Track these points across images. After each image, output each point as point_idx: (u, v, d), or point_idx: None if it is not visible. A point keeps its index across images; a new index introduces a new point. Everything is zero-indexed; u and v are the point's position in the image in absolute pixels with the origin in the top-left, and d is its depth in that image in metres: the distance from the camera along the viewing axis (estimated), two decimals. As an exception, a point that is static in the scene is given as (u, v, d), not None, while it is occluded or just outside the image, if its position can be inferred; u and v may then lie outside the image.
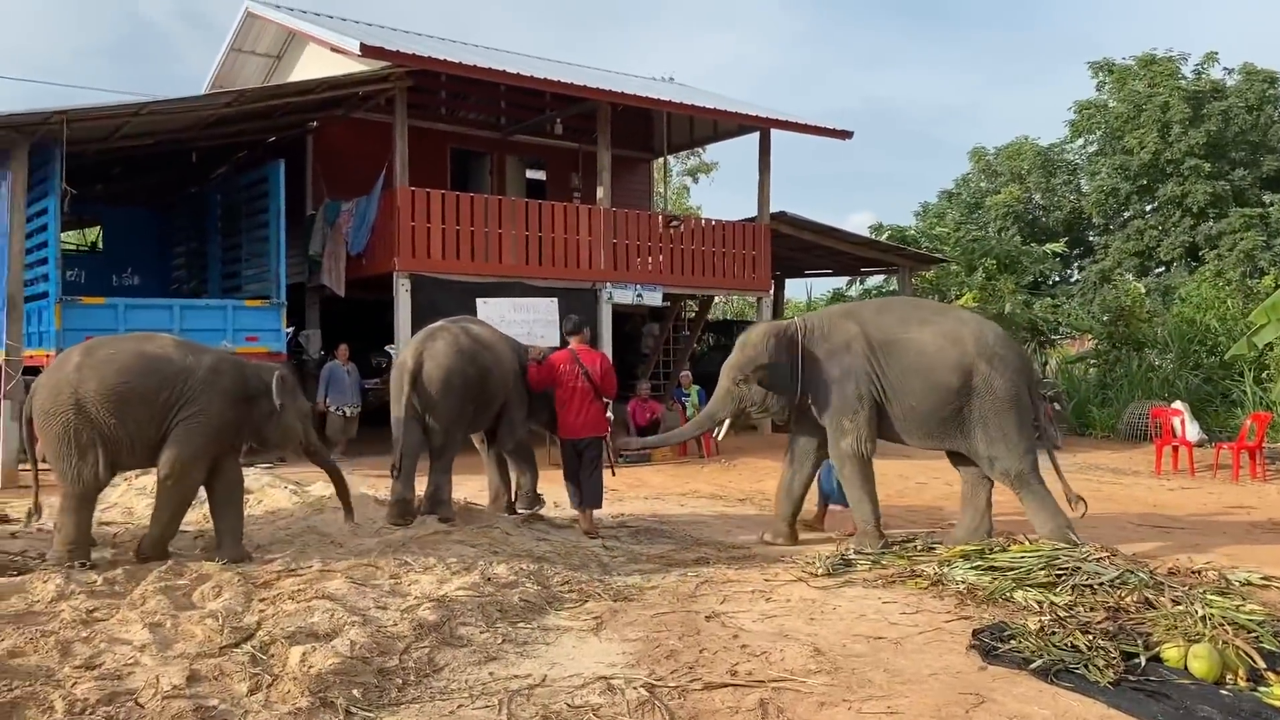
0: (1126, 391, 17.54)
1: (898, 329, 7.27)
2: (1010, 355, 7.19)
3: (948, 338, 7.13)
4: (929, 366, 7.07)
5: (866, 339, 7.24)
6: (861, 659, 4.70)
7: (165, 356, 6.16)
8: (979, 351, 7.05)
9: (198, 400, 6.10)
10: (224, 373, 6.28)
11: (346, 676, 4.19)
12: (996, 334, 7.36)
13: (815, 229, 17.89)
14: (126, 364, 6.05)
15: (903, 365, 7.14)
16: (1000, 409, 6.99)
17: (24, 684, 3.98)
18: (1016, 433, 7.02)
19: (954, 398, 7.03)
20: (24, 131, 10.60)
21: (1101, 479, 11.80)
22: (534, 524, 7.92)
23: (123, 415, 5.96)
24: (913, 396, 7.11)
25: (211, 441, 6.18)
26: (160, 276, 16.55)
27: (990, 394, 6.99)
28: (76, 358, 6.15)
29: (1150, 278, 28.31)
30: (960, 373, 7.01)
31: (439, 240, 13.43)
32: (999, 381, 6.99)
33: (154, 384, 6.04)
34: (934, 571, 6.19)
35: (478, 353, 7.79)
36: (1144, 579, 5.64)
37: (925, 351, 7.11)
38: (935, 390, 7.05)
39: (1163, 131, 27.69)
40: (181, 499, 6.26)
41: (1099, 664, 4.42)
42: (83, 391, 5.93)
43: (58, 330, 10.95)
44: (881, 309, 7.87)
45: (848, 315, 7.58)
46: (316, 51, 15.02)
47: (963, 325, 7.28)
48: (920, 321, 7.31)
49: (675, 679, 4.39)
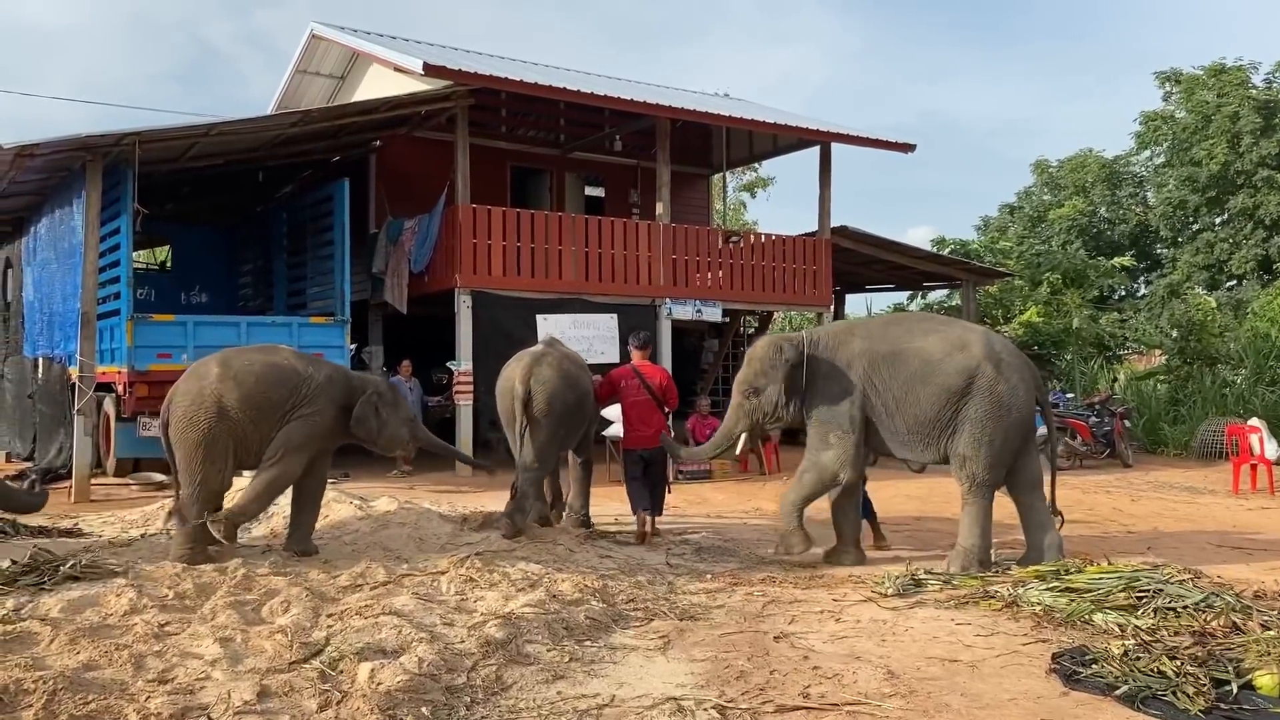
0: (1200, 408, 17.08)
1: (904, 340, 7.24)
2: (1018, 364, 7.12)
3: (954, 343, 7.09)
4: (934, 372, 7.01)
5: (870, 355, 7.21)
6: (937, 682, 4.58)
7: (291, 367, 6.94)
8: (986, 355, 7.00)
9: (314, 403, 6.85)
10: (336, 382, 7.04)
11: (415, 694, 4.17)
12: (1005, 343, 7.36)
13: (876, 243, 17.71)
14: (262, 374, 6.79)
15: (908, 374, 7.08)
16: (995, 414, 6.89)
17: (99, 697, 4.02)
18: (1001, 443, 6.92)
19: (957, 399, 6.96)
20: (98, 152, 10.85)
21: (1177, 498, 11.48)
22: (596, 541, 7.88)
23: (258, 420, 6.70)
24: (918, 405, 7.04)
25: (315, 439, 6.89)
26: (227, 294, 16.84)
27: (991, 397, 6.90)
28: (215, 369, 6.79)
29: (1221, 291, 27.63)
30: (965, 375, 6.94)
31: (500, 257, 13.49)
32: (1002, 386, 6.92)
33: (285, 392, 6.80)
34: (1008, 593, 6.03)
35: (578, 377, 8.16)
36: (1230, 602, 5.44)
37: (931, 359, 7.06)
38: (940, 394, 6.98)
39: (1233, 142, 27.05)
40: (272, 480, 6.79)
41: (1188, 691, 4.24)
42: (226, 399, 6.62)
43: (129, 347, 11.15)
44: (890, 322, 7.99)
45: (854, 331, 7.57)
46: (379, 72, 15.22)
47: (970, 333, 7.29)
48: (926, 331, 7.29)
49: (746, 701, 4.30)
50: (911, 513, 10.04)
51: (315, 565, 6.41)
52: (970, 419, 6.93)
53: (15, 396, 15.12)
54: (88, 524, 8.47)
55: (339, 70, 17.12)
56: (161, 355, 11.29)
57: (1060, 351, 19.87)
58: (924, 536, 8.66)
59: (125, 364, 11.16)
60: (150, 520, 8.58)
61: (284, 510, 7.98)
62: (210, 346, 11.09)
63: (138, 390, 11.18)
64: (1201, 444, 15.82)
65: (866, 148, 16.67)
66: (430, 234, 13.62)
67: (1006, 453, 6.98)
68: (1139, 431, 16.76)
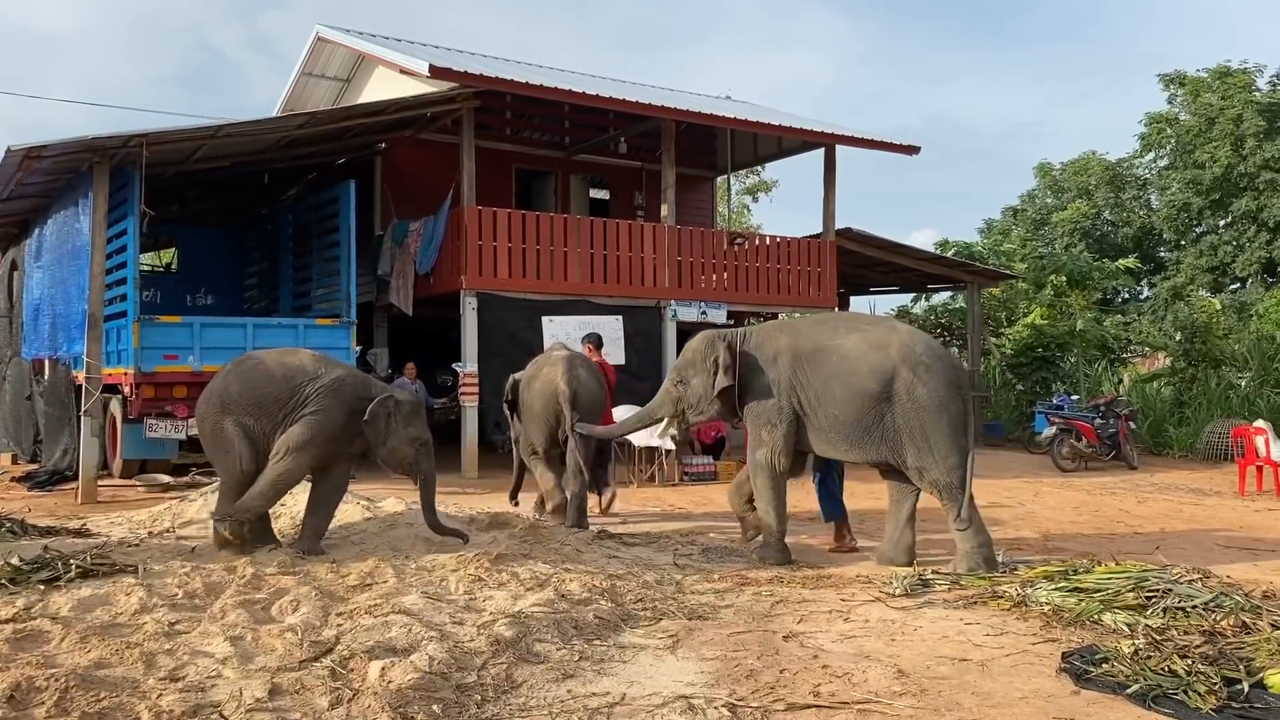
0: (1205, 410, 17.08)
1: (826, 338, 7.31)
2: (937, 365, 7.04)
3: (872, 343, 7.10)
4: (850, 371, 7.04)
5: (795, 351, 7.30)
6: (947, 681, 4.58)
7: (299, 365, 6.99)
8: (902, 358, 6.97)
9: (318, 403, 6.83)
10: (347, 385, 6.98)
11: (426, 692, 4.17)
12: (928, 344, 7.28)
13: (881, 245, 17.71)
14: (266, 371, 6.96)
15: (827, 372, 7.14)
16: (924, 418, 6.89)
17: (111, 694, 4.02)
18: (944, 444, 6.90)
19: (874, 403, 6.95)
20: (105, 154, 10.86)
21: (1183, 499, 11.48)
22: (604, 541, 7.89)
23: (259, 415, 6.83)
24: (835, 404, 7.08)
25: (318, 439, 6.81)
26: (233, 296, 16.85)
27: (911, 401, 6.90)
28: (229, 367, 7.17)
29: (1225, 294, 27.62)
30: (880, 378, 6.94)
31: (505, 259, 13.50)
32: (921, 389, 6.89)
33: (286, 389, 6.86)
34: (1016, 592, 6.03)
35: (600, 378, 9.03)
36: (1240, 602, 5.44)
37: (848, 357, 7.09)
38: (856, 396, 7.00)
39: (1236, 145, 27.06)
40: (274, 478, 6.79)
41: (1200, 689, 4.24)
42: (229, 394, 6.89)
43: (136, 349, 11.15)
44: (819, 321, 8.04)
45: (783, 328, 7.75)
46: (385, 74, 15.24)
47: (893, 333, 7.24)
48: (850, 330, 7.35)
49: (757, 699, 4.30)
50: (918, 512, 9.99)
51: (324, 565, 6.41)
52: (904, 429, 6.95)
53: (14, 398, 15.15)
54: (95, 525, 8.48)
55: (344, 73, 17.15)
56: (168, 357, 11.29)
57: (1064, 354, 19.86)
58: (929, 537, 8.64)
59: (132, 365, 11.15)
60: (158, 521, 8.59)
61: (292, 511, 8.02)
62: (217, 348, 11.17)
63: (144, 392, 11.18)
64: (1207, 446, 15.83)
65: (871, 150, 16.68)
66: (436, 236, 13.63)
67: (954, 447, 6.95)
68: (1144, 433, 16.76)
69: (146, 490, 11.16)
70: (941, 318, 23.55)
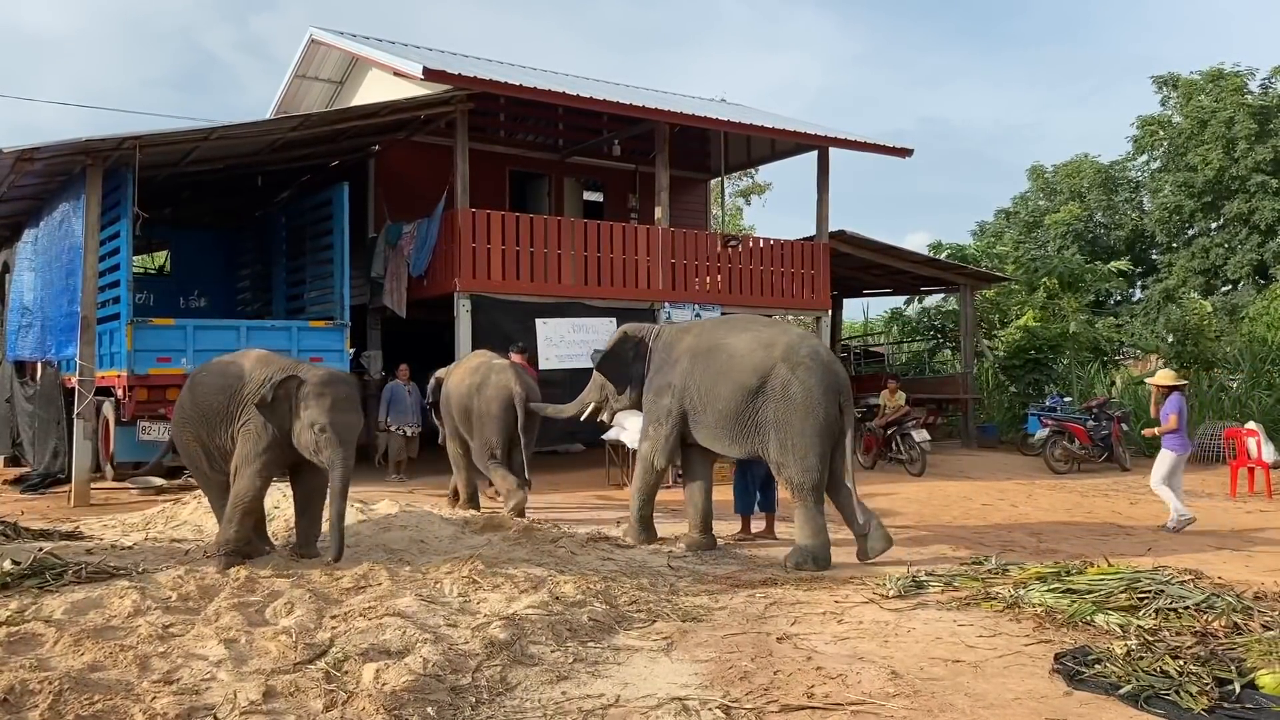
0: (1197, 412, 17.09)
1: (722, 337, 7.69)
2: (817, 367, 7.27)
3: (760, 342, 7.43)
4: (735, 368, 7.38)
5: (693, 351, 7.70)
6: (941, 682, 4.59)
7: (236, 369, 6.83)
8: (783, 356, 7.26)
9: (249, 410, 6.62)
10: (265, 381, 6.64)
11: (420, 694, 4.17)
12: (813, 348, 7.54)
13: (874, 247, 17.73)
14: (208, 379, 6.90)
15: (715, 370, 7.49)
16: (792, 417, 7.13)
17: (105, 697, 4.02)
18: (805, 443, 7.12)
19: (752, 398, 7.26)
20: (98, 156, 10.85)
21: (1175, 501, 11.49)
22: (599, 543, 7.90)
23: (207, 424, 6.77)
24: (720, 400, 7.41)
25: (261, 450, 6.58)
26: (226, 298, 16.83)
27: (784, 399, 7.15)
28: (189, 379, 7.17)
29: (1216, 296, 27.67)
30: (759, 374, 7.25)
31: (499, 261, 13.49)
32: (795, 387, 7.14)
33: (223, 398, 6.74)
34: (1009, 594, 6.05)
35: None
36: (1231, 603, 5.47)
37: (735, 355, 7.45)
38: (737, 391, 7.31)
39: (1228, 147, 27.11)
40: (233, 502, 6.65)
41: (1191, 690, 4.26)
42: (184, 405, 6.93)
43: (129, 351, 11.13)
44: (721, 323, 8.49)
45: (690, 329, 8.16)
46: (378, 76, 15.23)
47: (782, 335, 7.60)
48: (743, 330, 7.70)
49: (751, 701, 4.31)
50: (911, 515, 10.04)
51: (318, 567, 6.41)
52: (772, 423, 7.19)
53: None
54: (89, 527, 8.47)
55: (338, 75, 17.14)
56: (161, 359, 11.28)
57: (1057, 356, 19.88)
58: (922, 538, 8.67)
59: (125, 368, 11.14)
60: (151, 524, 8.58)
61: (285, 514, 8.00)
62: (210, 350, 11.11)
63: (137, 394, 11.17)
64: (1199, 447, 15.84)
65: (864, 152, 16.72)
66: (429, 238, 13.62)
67: (814, 449, 7.16)
68: (1136, 435, 16.77)
69: (140, 493, 11.14)
70: (935, 320, 23.59)
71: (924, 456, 13.63)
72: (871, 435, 14.53)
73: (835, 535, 7.52)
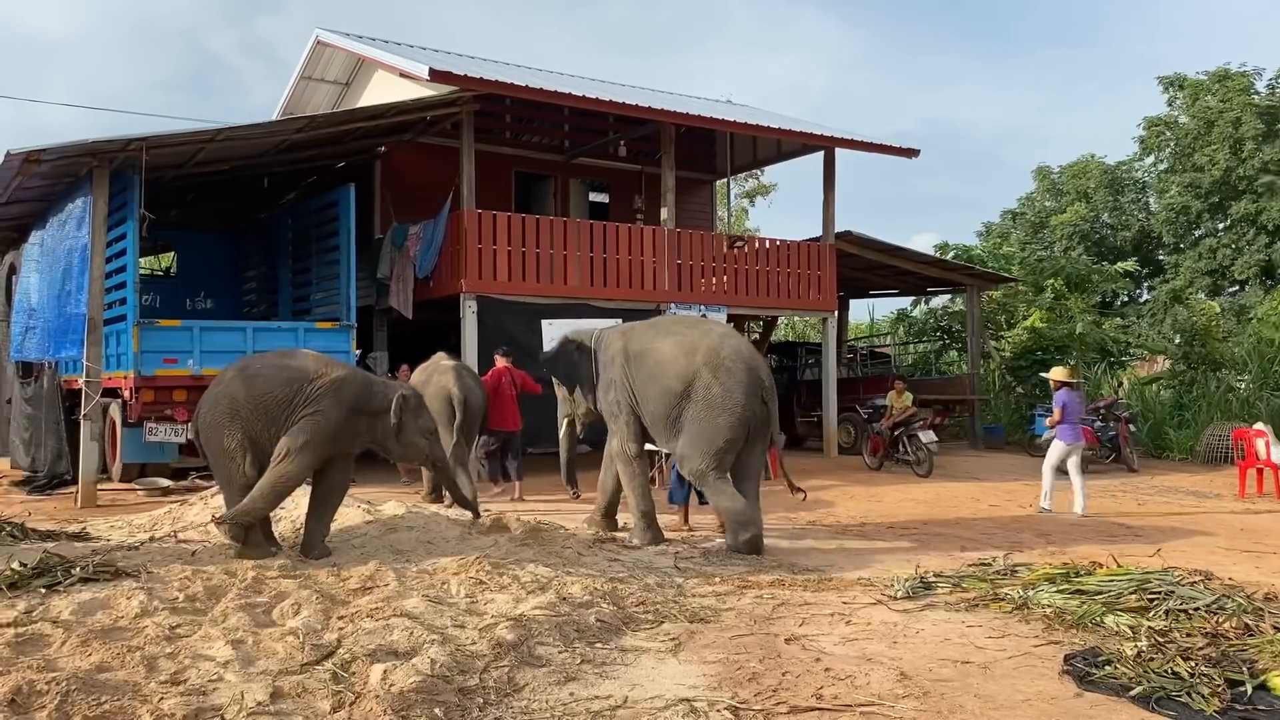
0: (1204, 413, 17.08)
1: (649, 341, 8.10)
2: (738, 369, 7.65)
3: (682, 348, 7.83)
4: (661, 374, 7.83)
5: (626, 353, 8.15)
6: (950, 684, 4.57)
7: (300, 367, 7.00)
8: (705, 361, 7.68)
9: (318, 403, 6.81)
10: (347, 384, 6.97)
11: (428, 695, 4.16)
12: (736, 349, 7.87)
13: (881, 248, 17.69)
14: (269, 374, 6.98)
15: (645, 373, 7.97)
16: (709, 414, 7.55)
17: (112, 698, 4.01)
18: (709, 439, 7.55)
19: (678, 401, 7.72)
20: (105, 158, 10.84)
21: (1183, 502, 11.47)
22: (606, 544, 7.89)
23: (265, 418, 6.83)
24: (651, 401, 7.90)
25: (319, 440, 6.80)
26: (232, 300, 16.82)
27: (705, 400, 7.58)
28: (231, 373, 7.13)
29: (1224, 297, 27.60)
30: (684, 380, 7.69)
31: (505, 262, 13.49)
32: (716, 390, 7.57)
33: (289, 390, 6.86)
34: (1018, 595, 6.02)
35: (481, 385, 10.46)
36: (1242, 604, 5.45)
37: (661, 360, 7.88)
38: (665, 395, 7.79)
39: (1235, 148, 27.04)
40: (275, 479, 6.73)
41: (1203, 692, 4.24)
42: (236, 399, 6.89)
43: (135, 352, 11.14)
44: (652, 325, 8.70)
45: (624, 332, 8.51)
46: (384, 78, 15.23)
47: (705, 338, 7.92)
48: (670, 334, 8.09)
49: (759, 702, 4.30)
50: (919, 516, 10.02)
51: (325, 568, 6.40)
52: (689, 419, 7.67)
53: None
54: (95, 529, 8.46)
55: (344, 76, 17.15)
56: (167, 360, 11.28)
57: (1064, 356, 19.83)
58: (930, 540, 8.64)
59: (131, 369, 11.14)
60: (158, 525, 8.57)
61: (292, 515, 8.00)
62: (216, 352, 11.16)
63: (144, 395, 11.17)
64: (1207, 448, 15.82)
65: (871, 153, 16.69)
66: (435, 239, 13.62)
67: (723, 449, 7.58)
68: (1144, 436, 16.74)
69: (146, 494, 11.14)
70: (941, 321, 23.55)
71: (931, 458, 13.60)
72: (878, 437, 14.49)
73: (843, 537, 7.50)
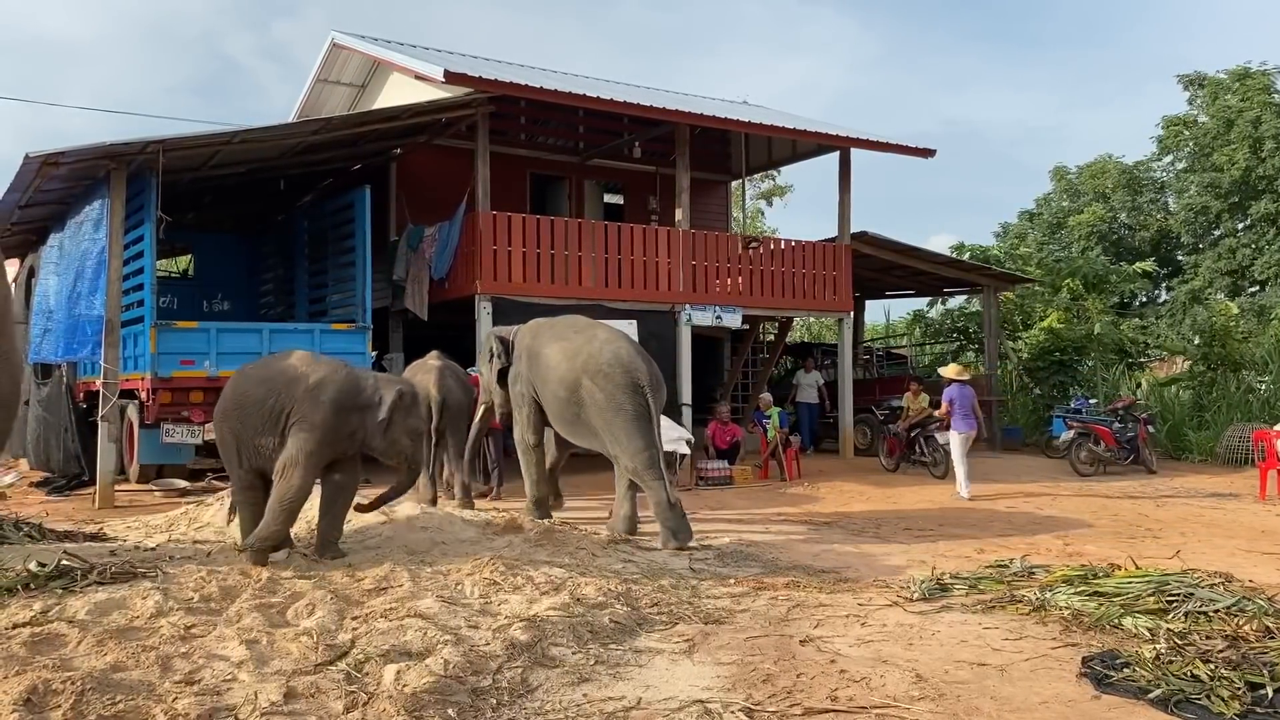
0: (1224, 414, 16.92)
1: (543, 343, 8.71)
2: (616, 372, 8.13)
3: (565, 354, 8.44)
4: (549, 378, 8.49)
5: (529, 351, 8.83)
6: (966, 686, 4.54)
7: (281, 367, 6.96)
8: (584, 367, 8.24)
9: (301, 408, 6.70)
10: (330, 383, 6.77)
11: (441, 696, 4.16)
12: (614, 352, 8.29)
13: (897, 248, 17.61)
14: (250, 374, 7.06)
15: (538, 375, 8.66)
16: (606, 417, 8.10)
17: (127, 698, 4.02)
18: (625, 436, 8.05)
19: (567, 405, 8.36)
20: (122, 161, 10.91)
21: (1203, 504, 11.37)
22: (619, 545, 7.88)
23: (244, 419, 6.85)
24: (546, 401, 8.62)
25: (315, 448, 6.66)
26: (249, 302, 16.90)
27: (594, 404, 8.16)
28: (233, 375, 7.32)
29: (1243, 297, 27.38)
30: (567, 386, 8.32)
31: (520, 263, 13.50)
32: (599, 394, 8.12)
33: (263, 390, 6.83)
34: (1035, 597, 5.97)
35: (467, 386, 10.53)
36: (1262, 606, 5.38)
37: (549, 365, 8.53)
38: (553, 398, 8.47)
39: (1254, 147, 26.81)
40: (280, 497, 6.67)
41: (1223, 695, 4.19)
42: (225, 401, 7.04)
43: (153, 354, 11.19)
44: (551, 326, 9.10)
45: (531, 330, 9.11)
46: (399, 80, 15.27)
47: (589, 344, 8.40)
48: (558, 338, 8.66)
49: (774, 704, 4.27)
50: (935, 518, 9.97)
51: (339, 569, 6.41)
52: (595, 425, 8.20)
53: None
54: (112, 529, 8.51)
55: (359, 79, 17.21)
56: (185, 362, 11.34)
57: (1082, 357, 19.70)
58: (946, 541, 8.60)
59: (149, 371, 11.21)
60: (174, 525, 8.61)
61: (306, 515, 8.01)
62: (233, 353, 11.20)
63: (161, 397, 11.23)
64: (1227, 449, 15.68)
65: (887, 154, 16.63)
66: (451, 241, 13.64)
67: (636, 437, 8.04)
68: (1163, 437, 16.61)
69: (163, 495, 11.20)
70: (958, 322, 23.45)
71: (947, 459, 13.51)
72: (894, 438, 14.43)
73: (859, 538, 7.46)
